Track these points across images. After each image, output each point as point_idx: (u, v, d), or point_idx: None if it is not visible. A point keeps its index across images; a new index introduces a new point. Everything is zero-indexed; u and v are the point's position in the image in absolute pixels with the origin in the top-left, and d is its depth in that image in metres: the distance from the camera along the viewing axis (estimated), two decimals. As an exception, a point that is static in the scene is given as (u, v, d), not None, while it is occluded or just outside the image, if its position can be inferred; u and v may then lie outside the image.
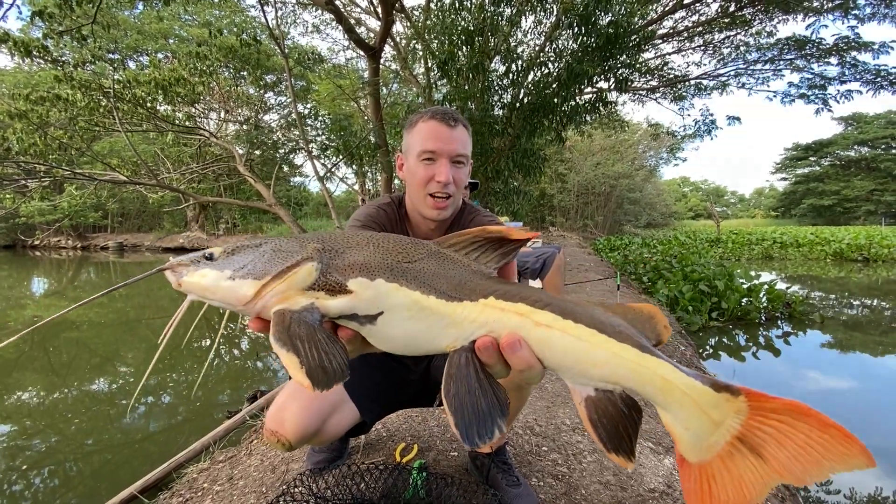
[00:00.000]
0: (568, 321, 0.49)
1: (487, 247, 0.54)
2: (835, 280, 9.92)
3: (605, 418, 0.48)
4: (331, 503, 1.11)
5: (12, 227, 22.11)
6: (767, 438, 0.46)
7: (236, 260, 0.51)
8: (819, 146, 44.65)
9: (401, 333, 0.50)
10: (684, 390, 0.47)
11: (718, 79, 10.50)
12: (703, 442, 0.48)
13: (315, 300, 0.49)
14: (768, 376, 3.95)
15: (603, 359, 0.48)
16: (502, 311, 0.49)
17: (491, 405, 0.47)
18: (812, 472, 0.44)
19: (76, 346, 5.46)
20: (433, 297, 0.49)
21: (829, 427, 0.44)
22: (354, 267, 0.50)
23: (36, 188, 8.34)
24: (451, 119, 1.11)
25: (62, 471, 2.55)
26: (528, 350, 0.48)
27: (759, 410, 0.46)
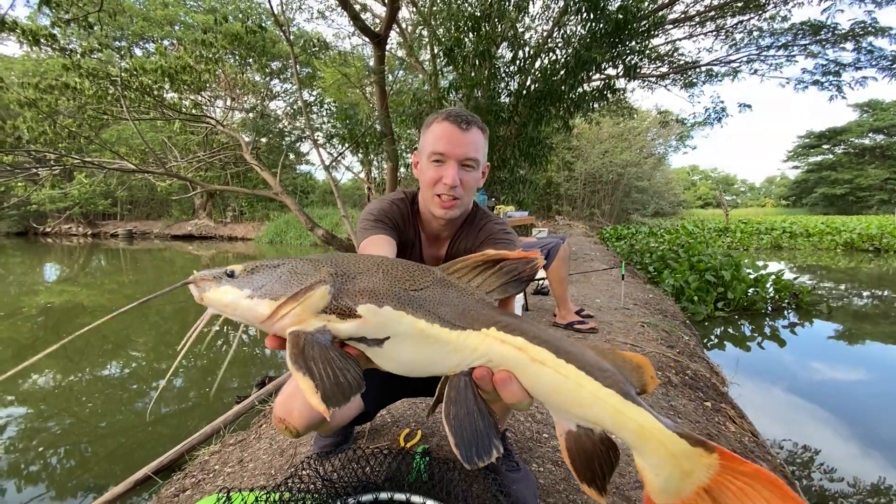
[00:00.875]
0: (560, 360, 0.51)
1: (490, 271, 0.56)
2: (844, 270, 9.81)
3: (582, 453, 0.52)
4: (337, 485, 1.15)
5: (24, 215, 22.41)
6: (731, 496, 0.49)
7: (256, 279, 0.54)
8: (833, 134, 43.76)
9: (405, 358, 0.54)
10: (660, 439, 0.50)
11: (730, 65, 10.30)
12: (671, 489, 0.51)
13: (327, 323, 0.52)
14: (772, 366, 3.94)
15: (587, 400, 0.51)
16: (502, 344, 0.52)
17: (488, 426, 0.50)
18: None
19: (89, 331, 5.59)
20: (437, 325, 0.52)
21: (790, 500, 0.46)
22: (364, 293, 0.52)
23: (47, 176, 8.43)
24: (465, 122, 1.11)
25: (78, 452, 2.63)
26: (518, 386, 0.51)
27: (729, 470, 0.49)
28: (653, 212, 31.87)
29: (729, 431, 1.90)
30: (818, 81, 8.66)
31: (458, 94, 6.63)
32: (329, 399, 0.47)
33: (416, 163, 1.24)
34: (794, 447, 2.51)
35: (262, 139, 12.85)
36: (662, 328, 3.38)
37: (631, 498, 1.29)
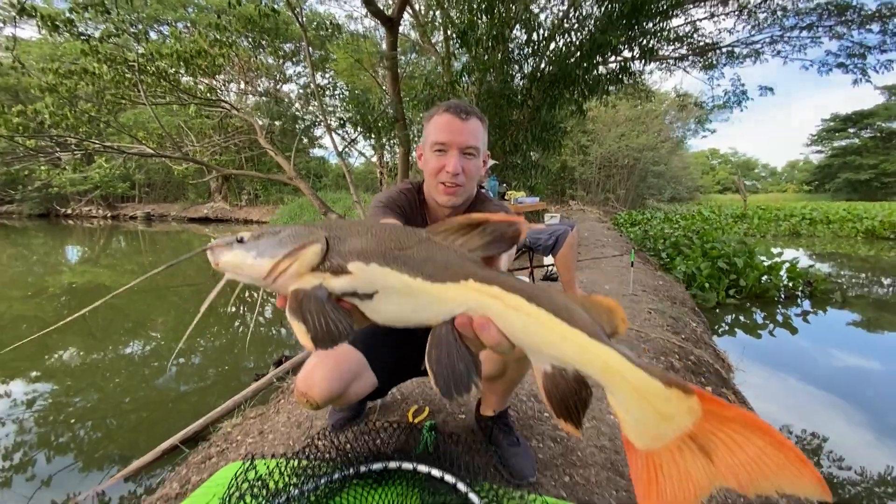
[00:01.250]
0: (532, 305, 0.55)
1: (473, 232, 0.61)
2: (864, 258, 9.61)
3: (556, 392, 0.55)
4: (350, 454, 1.24)
5: (46, 197, 22.99)
6: (718, 444, 0.48)
7: (260, 243, 0.61)
8: (859, 117, 42.19)
9: (392, 309, 0.59)
10: (625, 376, 0.51)
11: (752, 46, 9.98)
12: (647, 430, 0.51)
13: (323, 280, 0.58)
14: (783, 354, 3.93)
15: (556, 340, 0.54)
16: (479, 293, 0.57)
17: (468, 366, 0.55)
18: (758, 485, 0.47)
19: (111, 310, 5.78)
20: (420, 279, 0.57)
21: (784, 448, 0.46)
22: (353, 252, 0.58)
23: (69, 160, 8.65)
24: (464, 112, 1.18)
25: (104, 425, 2.74)
26: (495, 329, 0.56)
27: (714, 416, 0.49)
28: (669, 197, 31.35)
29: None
30: (843, 64, 8.37)
31: (470, 77, 6.59)
32: (318, 342, 0.55)
33: (420, 154, 1.30)
34: (802, 433, 2.53)
35: (275, 123, 12.93)
36: (670, 314, 3.41)
37: (626, 474, 1.36)
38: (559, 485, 1.28)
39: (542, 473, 1.33)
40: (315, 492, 1.10)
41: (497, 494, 1.11)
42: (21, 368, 3.63)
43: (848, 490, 2.05)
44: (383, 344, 1.36)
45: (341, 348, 1.28)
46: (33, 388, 3.28)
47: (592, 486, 1.29)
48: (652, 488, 0.51)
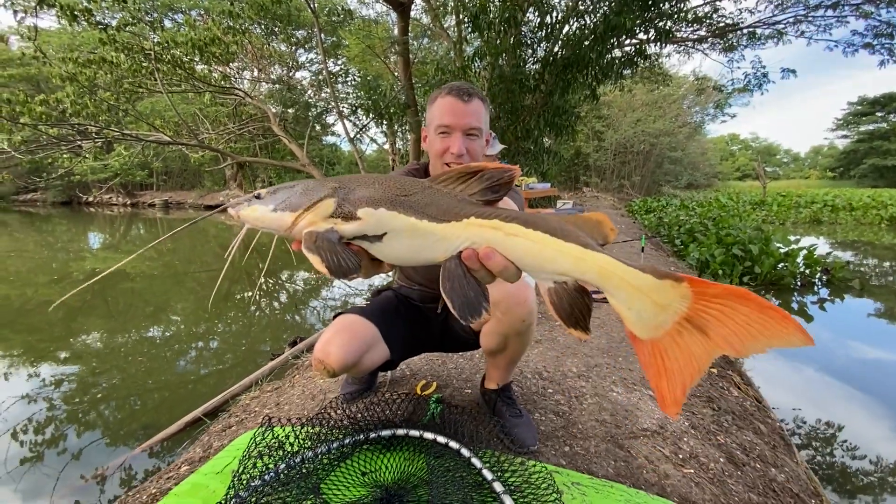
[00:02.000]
0: (529, 230, 0.61)
1: (472, 180, 0.66)
2: (887, 246, 9.35)
3: (562, 303, 0.61)
4: (360, 423, 1.31)
5: (68, 185, 23.58)
6: (711, 319, 0.53)
7: (277, 197, 0.69)
8: (888, 100, 40.52)
9: (401, 248, 0.65)
10: (621, 276, 0.57)
11: (775, 27, 9.66)
12: (649, 321, 0.57)
13: (334, 225, 0.65)
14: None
15: (554, 256, 0.60)
16: (481, 227, 0.63)
17: (476, 294, 0.62)
18: (751, 347, 0.52)
19: (132, 295, 5.97)
20: (425, 220, 0.64)
21: (767, 309, 0.50)
22: (362, 200, 0.65)
23: (89, 148, 8.87)
24: (466, 94, 1.21)
25: (128, 404, 2.86)
26: (500, 257, 0.61)
27: (703, 295, 0.53)
28: (686, 184, 30.74)
29: (731, 396, 1.99)
30: (869, 44, 8.06)
31: (482, 62, 6.53)
32: (333, 271, 0.62)
33: (424, 137, 1.34)
34: (816, 422, 2.52)
35: (288, 110, 13.00)
36: (679, 299, 3.40)
37: (625, 446, 1.41)
38: (559, 454, 1.34)
39: (543, 444, 1.39)
40: (328, 454, 1.17)
41: (498, 460, 1.17)
42: (49, 350, 3.80)
43: (861, 479, 2.05)
44: (396, 319, 1.43)
45: (357, 322, 1.35)
46: (61, 370, 3.42)
47: (591, 455, 1.34)
48: (661, 373, 0.56)
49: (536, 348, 2.23)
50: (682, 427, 1.56)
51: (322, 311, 5.31)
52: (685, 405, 1.74)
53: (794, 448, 1.79)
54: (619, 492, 1.17)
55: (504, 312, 1.24)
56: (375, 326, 1.36)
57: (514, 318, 1.24)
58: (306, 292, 6.43)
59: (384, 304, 1.47)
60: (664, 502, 1.15)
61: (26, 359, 3.62)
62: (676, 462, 1.36)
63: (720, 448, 1.50)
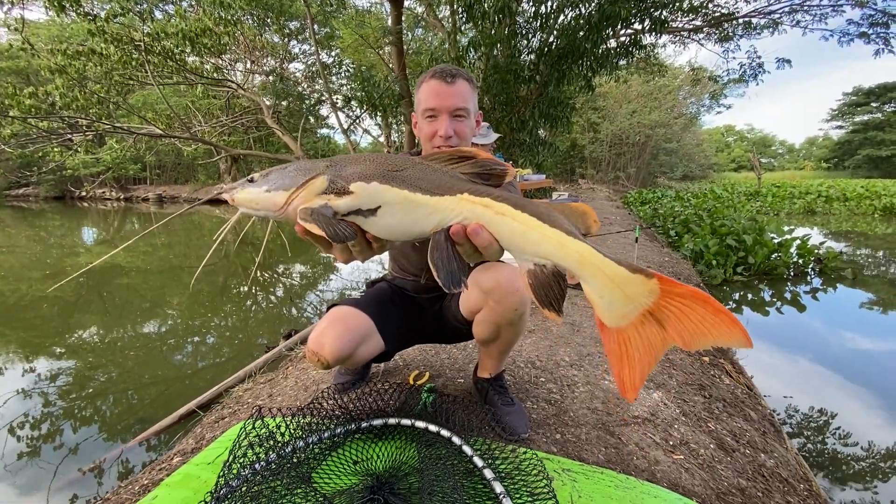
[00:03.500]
0: (517, 211, 0.64)
1: (465, 162, 0.68)
2: (881, 237, 9.42)
3: (539, 285, 0.64)
4: (352, 413, 1.31)
5: (61, 180, 23.34)
6: (671, 314, 0.58)
7: (270, 179, 0.70)
8: (883, 90, 40.59)
9: (396, 221, 0.67)
10: (598, 265, 0.60)
11: (770, 16, 9.63)
12: (617, 310, 0.60)
13: (328, 201, 0.66)
14: (790, 331, 3.91)
15: (537, 239, 0.62)
16: (472, 204, 0.65)
17: (459, 267, 0.64)
18: (699, 342, 0.57)
19: (127, 290, 5.94)
20: (419, 193, 0.65)
21: (720, 312, 0.55)
22: (354, 175, 0.67)
23: (80, 142, 8.77)
24: (449, 76, 1.20)
25: (125, 398, 2.86)
26: (487, 234, 0.64)
27: (669, 293, 0.57)
28: (681, 175, 30.77)
29: (723, 383, 2.00)
30: (864, 34, 8.05)
31: (477, 52, 6.49)
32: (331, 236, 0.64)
33: (415, 123, 1.33)
34: (807, 410, 2.55)
35: (282, 102, 12.88)
36: (673, 289, 3.42)
37: (615, 433, 1.42)
38: (550, 441, 1.35)
39: (535, 431, 1.40)
40: (319, 444, 1.17)
41: (490, 448, 1.18)
42: (44, 345, 3.78)
43: (852, 466, 2.08)
44: (390, 310, 1.43)
45: (351, 313, 1.35)
46: (57, 365, 3.41)
47: (583, 443, 1.35)
48: (623, 359, 0.61)
49: (529, 338, 2.23)
50: (673, 414, 1.57)
51: (318, 304, 5.31)
52: (677, 393, 1.76)
53: (784, 434, 1.81)
54: (609, 478, 1.18)
55: (497, 301, 1.24)
56: (370, 318, 1.36)
57: (507, 308, 1.24)
58: (302, 286, 6.43)
59: (378, 296, 1.47)
60: (654, 488, 1.16)
61: (22, 354, 3.60)
62: (667, 448, 1.37)
63: (711, 434, 1.52)
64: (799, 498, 1.35)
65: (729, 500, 1.21)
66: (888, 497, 1.85)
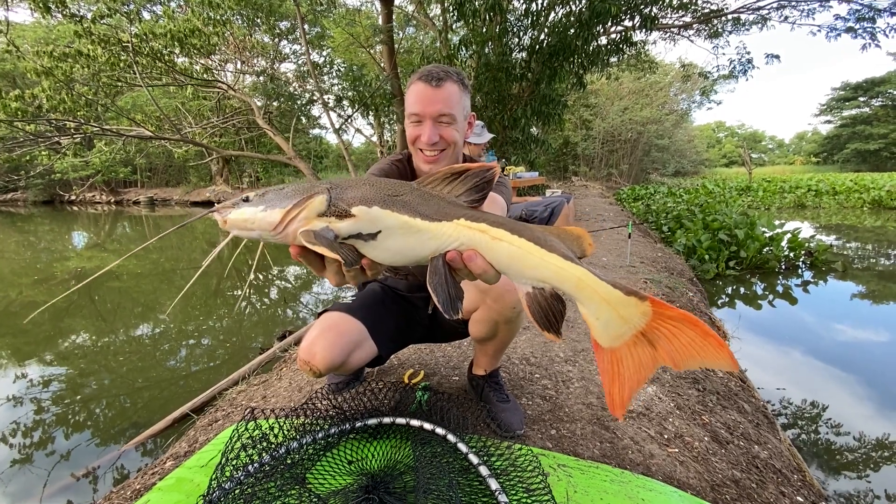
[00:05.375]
0: (514, 236, 0.65)
1: (457, 181, 0.69)
2: (870, 229, 9.53)
3: (538, 308, 0.65)
4: (347, 413, 1.31)
5: (49, 183, 23.05)
6: (662, 336, 0.60)
7: (266, 198, 0.68)
8: (870, 85, 41.01)
9: (395, 246, 0.67)
10: (594, 288, 0.62)
11: (758, 12, 9.70)
12: (612, 331, 0.62)
13: (329, 223, 0.65)
14: (782, 324, 3.94)
15: (535, 263, 0.64)
16: (469, 229, 0.66)
17: (456, 293, 0.65)
18: (688, 364, 0.60)
19: (119, 295, 5.88)
20: (418, 218, 0.66)
21: (708, 336, 0.57)
22: (356, 199, 0.66)
23: (69, 145, 8.66)
24: (435, 79, 1.16)
25: (118, 403, 2.83)
26: (482, 260, 0.64)
27: (661, 315, 0.60)
28: (673, 171, 30.96)
29: (716, 377, 2.02)
30: (851, 28, 8.13)
31: (468, 50, 6.48)
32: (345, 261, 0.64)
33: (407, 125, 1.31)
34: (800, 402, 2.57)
35: (273, 103, 12.80)
36: (666, 284, 3.45)
37: (610, 428, 1.42)
38: (546, 437, 1.35)
39: (530, 427, 1.40)
40: (313, 444, 1.16)
41: (485, 445, 1.17)
42: (35, 352, 3.73)
43: (845, 456, 2.10)
44: (383, 314, 1.42)
45: (342, 320, 1.33)
46: (49, 371, 3.37)
47: (577, 438, 1.35)
48: (615, 378, 0.63)
49: (524, 335, 2.24)
50: (668, 408, 1.58)
51: (313, 304, 5.29)
52: (671, 386, 1.77)
53: (777, 426, 1.83)
54: (605, 472, 1.18)
55: (494, 300, 1.24)
56: (362, 323, 1.34)
57: (505, 306, 1.24)
58: (297, 286, 6.40)
59: (370, 299, 1.45)
60: (649, 481, 1.17)
61: (13, 361, 3.56)
62: (661, 442, 1.38)
63: (705, 427, 1.53)
64: (793, 488, 1.36)
65: (723, 491, 1.21)
66: (881, 486, 1.87)
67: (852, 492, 1.84)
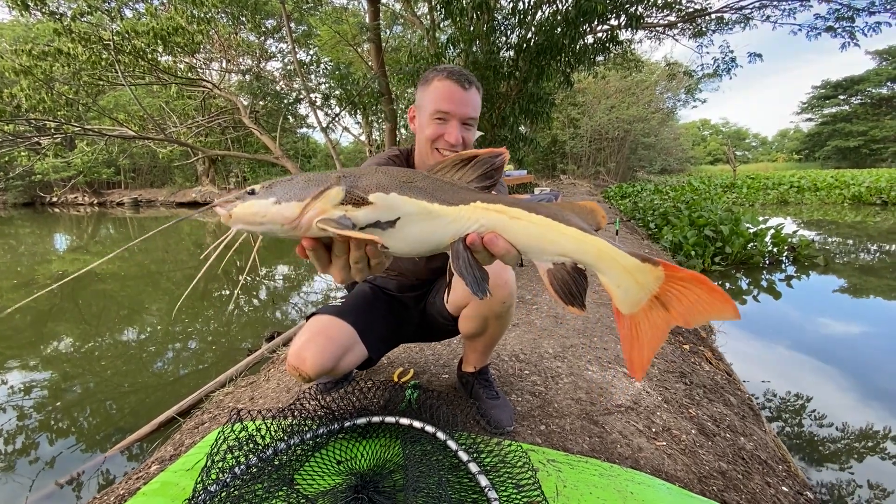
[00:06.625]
0: (532, 214, 0.66)
1: (467, 167, 0.70)
2: (850, 224, 9.75)
3: (560, 283, 0.67)
4: (335, 413, 1.30)
5: (30, 185, 22.54)
6: (673, 297, 0.63)
7: (277, 190, 0.65)
8: (850, 83, 41.97)
9: (415, 232, 0.67)
10: (614, 257, 0.64)
11: (741, 12, 9.84)
12: (631, 298, 0.65)
13: (346, 212, 0.64)
14: (767, 318, 4.01)
15: (555, 238, 0.65)
16: (487, 211, 0.67)
17: (482, 274, 0.66)
18: (698, 319, 0.63)
19: (104, 298, 5.77)
20: (437, 203, 0.66)
21: (714, 291, 0.60)
22: (371, 186, 0.65)
23: (49, 145, 8.46)
24: (466, 81, 1.17)
25: (103, 409, 2.77)
26: (503, 241, 0.65)
27: (672, 278, 0.63)
28: (660, 169, 31.35)
29: (703, 370, 2.04)
30: (831, 27, 8.29)
31: (456, 49, 6.47)
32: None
33: (412, 117, 1.28)
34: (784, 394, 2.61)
35: (259, 102, 12.66)
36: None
37: (599, 422, 1.43)
38: (535, 433, 1.35)
39: (520, 423, 1.40)
40: (301, 445, 1.15)
41: (475, 442, 1.17)
42: (18, 357, 3.64)
43: (828, 447, 2.14)
44: (373, 316, 1.40)
45: (332, 324, 1.31)
46: (31, 377, 3.29)
47: (567, 433, 1.36)
48: (634, 343, 0.66)
49: (513, 331, 2.24)
50: (656, 401, 1.60)
51: (302, 305, 5.24)
52: (659, 380, 1.79)
53: (762, 418, 1.86)
54: (594, 466, 1.19)
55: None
56: (352, 327, 1.32)
57: (495, 301, 1.24)
58: (286, 287, 6.34)
59: (360, 301, 1.43)
60: (637, 474, 1.18)
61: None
62: (649, 435, 1.39)
63: (692, 420, 1.55)
64: (778, 478, 1.39)
65: (710, 483, 1.23)
66: (863, 475, 1.91)
67: (835, 481, 1.88)
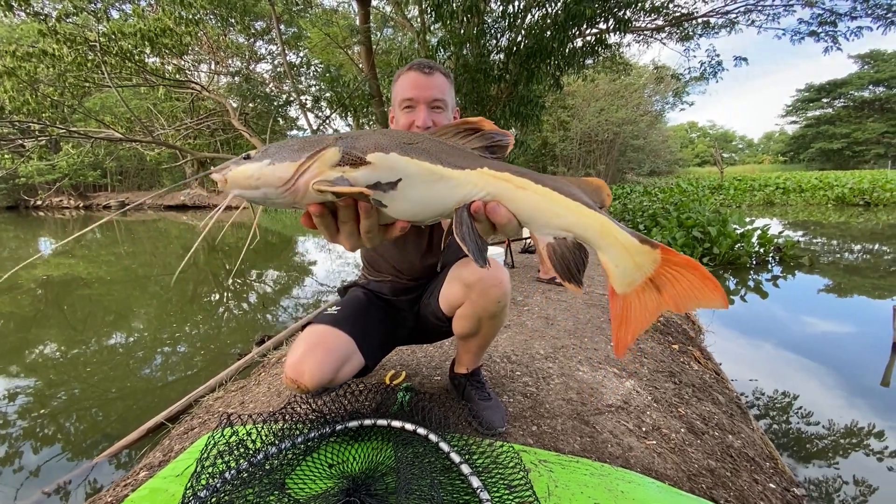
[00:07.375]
0: (538, 185, 0.64)
1: (472, 136, 0.68)
2: (834, 225, 9.94)
3: (560, 258, 0.65)
4: (327, 416, 1.29)
5: (13, 188, 22.15)
6: (667, 280, 0.63)
7: (271, 152, 0.63)
8: (833, 87, 42.88)
9: (418, 195, 0.64)
10: (616, 236, 0.63)
11: (727, 16, 10.00)
12: (627, 278, 0.64)
13: (343, 173, 0.61)
14: (754, 318, 4.07)
15: (559, 212, 0.64)
16: (494, 178, 0.65)
17: (483, 244, 0.65)
18: (688, 305, 0.63)
19: (90, 302, 5.67)
20: (441, 165, 0.64)
21: (706, 279, 0.61)
22: (370, 146, 0.62)
23: (33, 147, 8.32)
24: (427, 67, 1.20)
25: (90, 416, 2.72)
26: (505, 210, 0.64)
27: (668, 262, 0.63)
28: (648, 171, 31.72)
29: (692, 369, 2.07)
30: (814, 32, 8.46)
31: (446, 51, 6.49)
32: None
33: (392, 118, 1.31)
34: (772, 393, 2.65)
35: (249, 104, 12.57)
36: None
37: (590, 422, 1.45)
38: (527, 434, 1.36)
39: (512, 424, 1.41)
40: (292, 449, 1.15)
41: (467, 443, 1.17)
42: (1, 363, 3.57)
43: (815, 444, 2.17)
44: (369, 323, 1.39)
45: (329, 335, 1.29)
46: (14, 384, 3.23)
47: (558, 433, 1.36)
48: (623, 322, 0.66)
49: (505, 333, 2.25)
50: (645, 401, 1.61)
51: (293, 308, 5.20)
52: (649, 380, 1.80)
53: (750, 416, 1.88)
54: (585, 466, 1.20)
55: (479, 294, 1.23)
56: (349, 336, 1.31)
57: (490, 300, 1.24)
58: (276, 290, 6.29)
59: (355, 308, 1.41)
60: (627, 473, 1.19)
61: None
62: (640, 435, 1.41)
63: (681, 419, 1.56)
64: (765, 476, 1.41)
65: (699, 480, 1.25)
66: (849, 471, 1.95)
67: (821, 477, 1.92)
